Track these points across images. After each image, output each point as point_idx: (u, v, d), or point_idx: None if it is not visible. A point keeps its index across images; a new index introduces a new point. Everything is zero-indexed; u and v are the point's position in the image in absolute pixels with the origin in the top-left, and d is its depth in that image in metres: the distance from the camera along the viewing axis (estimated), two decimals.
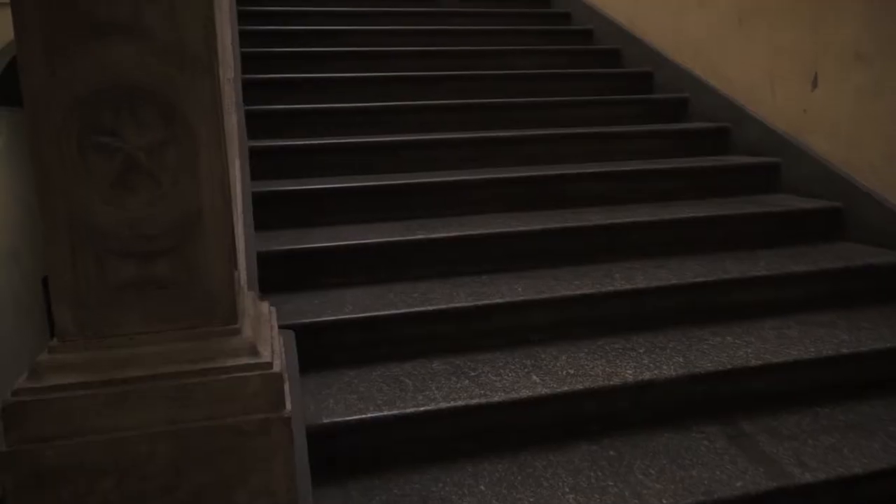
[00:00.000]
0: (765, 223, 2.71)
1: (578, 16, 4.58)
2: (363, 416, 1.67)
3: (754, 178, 3.06)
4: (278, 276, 2.21)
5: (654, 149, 3.29)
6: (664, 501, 1.53)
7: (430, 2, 4.59)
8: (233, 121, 2.41)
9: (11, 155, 6.54)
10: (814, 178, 2.89)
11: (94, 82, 1.18)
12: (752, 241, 2.67)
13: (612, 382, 1.84)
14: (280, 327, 1.80)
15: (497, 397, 1.76)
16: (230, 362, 1.27)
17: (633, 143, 3.28)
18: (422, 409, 1.71)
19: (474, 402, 1.74)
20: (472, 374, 1.90)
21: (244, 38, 3.65)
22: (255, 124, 2.98)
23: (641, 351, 2.04)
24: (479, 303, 2.09)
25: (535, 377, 1.87)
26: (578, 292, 2.18)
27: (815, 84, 2.88)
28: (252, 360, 1.28)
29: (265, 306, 1.64)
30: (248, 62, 3.44)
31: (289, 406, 1.30)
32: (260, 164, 2.74)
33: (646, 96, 3.78)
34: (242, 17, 3.86)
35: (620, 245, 2.55)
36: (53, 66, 1.16)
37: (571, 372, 1.89)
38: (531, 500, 1.55)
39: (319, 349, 1.96)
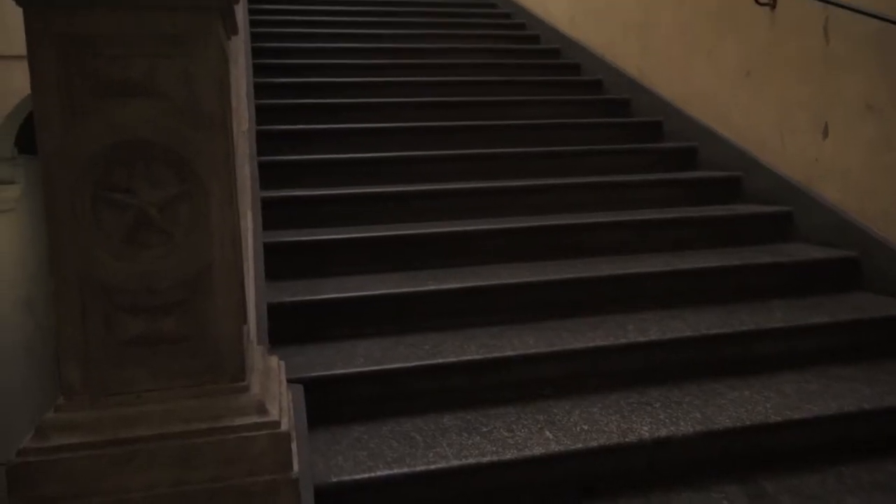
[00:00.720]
0: (779, 273, 2.68)
1: (588, 66, 4.64)
2: (372, 474, 1.64)
3: (767, 226, 3.04)
4: (289, 327, 2.20)
5: (666, 197, 3.29)
6: None
7: (441, 54, 4.67)
8: (246, 172, 2.44)
9: (28, 203, 6.63)
10: (827, 227, 2.87)
11: (109, 140, 1.20)
12: (767, 291, 2.63)
13: (627, 439, 1.80)
14: (289, 381, 1.78)
15: (509, 455, 1.72)
16: (237, 421, 1.25)
17: (644, 192, 3.28)
18: (433, 467, 1.67)
19: (486, 459, 1.70)
20: (484, 429, 1.86)
21: (259, 90, 3.73)
22: (268, 174, 3.01)
23: (657, 406, 1.99)
24: (491, 356, 2.06)
25: (548, 433, 1.82)
26: (591, 345, 2.15)
27: (825, 134, 2.88)
28: (260, 419, 1.26)
29: (274, 360, 1.62)
30: (263, 114, 3.50)
31: (296, 466, 1.27)
32: (272, 213, 2.75)
33: (656, 145, 3.80)
34: (258, 70, 3.95)
35: (633, 296, 2.53)
36: (69, 125, 1.18)
37: (585, 428, 1.85)
38: None
39: (329, 403, 1.93)
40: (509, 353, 2.08)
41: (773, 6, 3.09)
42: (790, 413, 1.93)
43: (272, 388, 1.42)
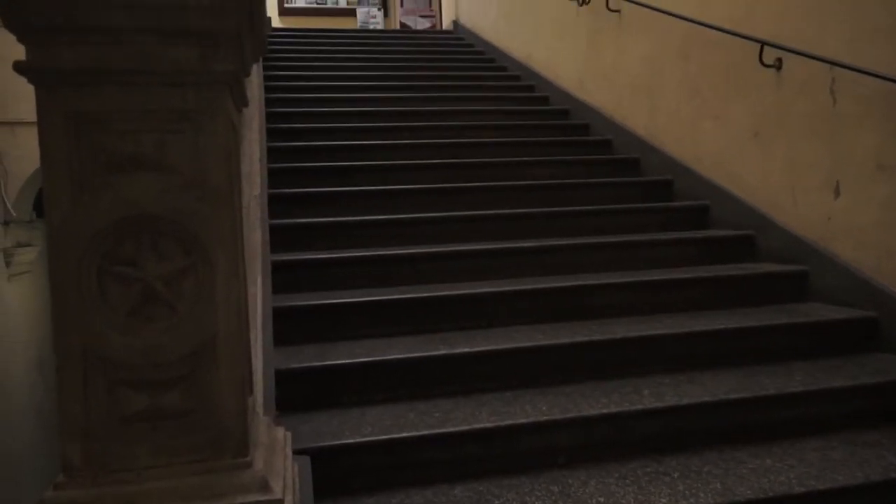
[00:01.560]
0: (797, 334, 2.62)
1: (597, 126, 4.69)
2: None
3: (783, 286, 3.00)
4: (297, 394, 2.16)
5: (678, 256, 3.26)
6: None
7: (452, 116, 4.74)
8: (257, 237, 2.45)
9: (44, 265, 6.70)
10: (843, 286, 2.83)
11: (117, 215, 1.20)
12: (786, 352, 2.58)
13: None
14: (296, 451, 1.74)
15: None
16: (239, 499, 1.22)
17: (657, 251, 3.25)
18: None
19: None
20: (497, 502, 1.79)
21: (272, 153, 3.79)
22: (280, 237, 3.03)
23: (675, 476, 1.92)
24: (503, 423, 2.01)
25: None
26: (606, 411, 2.09)
27: (837, 193, 2.86)
28: (263, 497, 1.22)
29: (280, 432, 1.59)
30: (275, 177, 3.54)
31: None
32: (282, 277, 2.76)
33: (667, 204, 3.79)
34: (271, 134, 4.02)
35: (648, 359, 2.48)
36: (78, 200, 1.18)
37: (601, 500, 1.78)
38: None
39: (337, 474, 1.88)
40: (522, 420, 2.03)
41: (778, 68, 3.12)
42: (814, 483, 1.86)
43: (276, 462, 1.38)
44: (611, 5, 4.43)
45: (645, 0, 4.07)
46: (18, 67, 1.14)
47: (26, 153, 5.99)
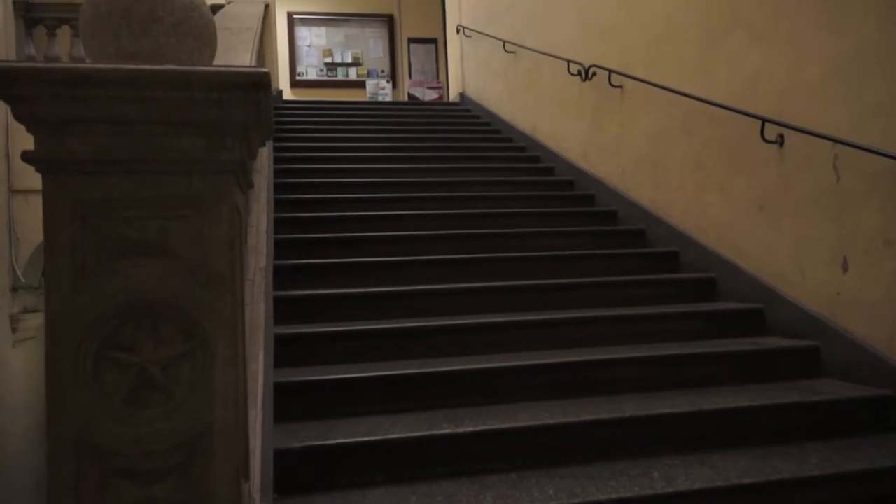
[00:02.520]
0: (811, 413, 2.56)
1: (602, 198, 4.73)
2: None
3: (794, 361, 2.95)
4: (296, 475, 2.11)
5: (687, 330, 3.22)
6: None
7: (458, 187, 4.80)
8: (260, 310, 2.44)
9: None
10: (856, 362, 2.77)
11: (118, 300, 1.20)
12: (799, 432, 2.50)
13: None
14: None
15: None
16: None
17: (664, 325, 3.22)
18: None
19: None
20: None
21: (279, 224, 3.82)
22: (284, 309, 3.02)
23: None
24: None
25: None
26: (615, 496, 2.02)
27: (845, 268, 2.84)
28: None
29: None
30: (282, 247, 3.56)
31: None
32: (286, 350, 2.73)
33: (674, 276, 3.78)
34: (279, 205, 4.06)
35: (658, 438, 2.41)
36: (79, 286, 1.18)
37: None
38: None
39: None
40: None
41: (780, 143, 3.16)
42: None
43: None
44: (613, 81, 4.53)
45: (646, 77, 4.16)
46: (27, 157, 1.16)
47: (39, 220, 6.07)
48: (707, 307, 3.41)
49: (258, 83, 1.17)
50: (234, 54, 2.68)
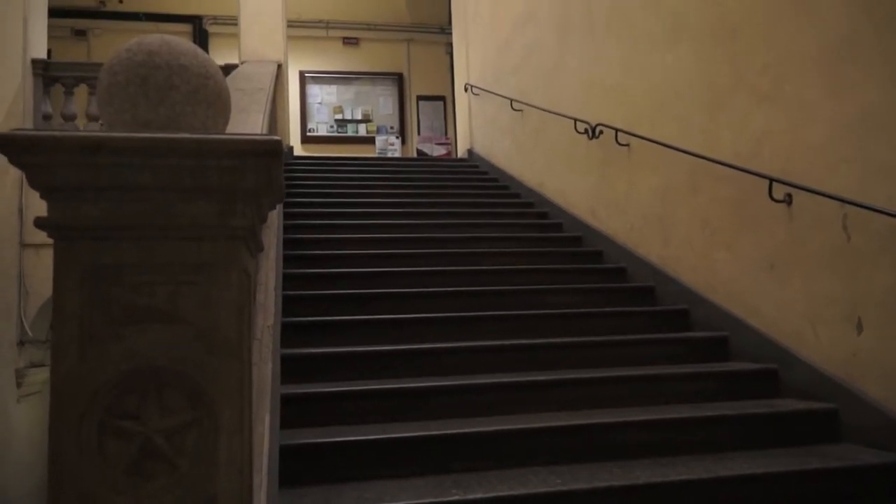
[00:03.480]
0: (832, 481, 2.48)
1: (611, 254, 4.72)
2: None
3: (811, 425, 2.87)
4: None
5: (699, 391, 3.16)
6: None
7: (466, 243, 4.81)
8: (267, 370, 2.40)
9: None
10: (876, 426, 2.70)
11: (124, 367, 1.18)
12: (821, 501, 2.43)
13: None
14: None
15: None
16: None
17: (676, 385, 3.16)
18: None
19: None
20: None
21: (288, 280, 3.82)
22: (292, 368, 2.99)
23: None
24: None
25: None
26: None
27: (860, 328, 2.80)
28: None
29: None
30: (290, 304, 3.55)
31: None
32: (292, 410, 2.68)
33: (684, 334, 3.73)
34: (287, 261, 4.07)
35: None
36: (86, 352, 1.17)
37: None
38: None
39: None
40: None
41: (788, 203, 3.16)
42: None
43: None
44: (620, 140, 4.58)
45: (652, 135, 4.21)
46: (39, 224, 1.16)
47: (48, 275, 6.08)
48: (720, 367, 3.35)
49: (270, 151, 1.18)
50: (246, 115, 2.73)
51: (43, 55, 6.75)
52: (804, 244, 3.10)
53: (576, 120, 5.11)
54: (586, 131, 4.97)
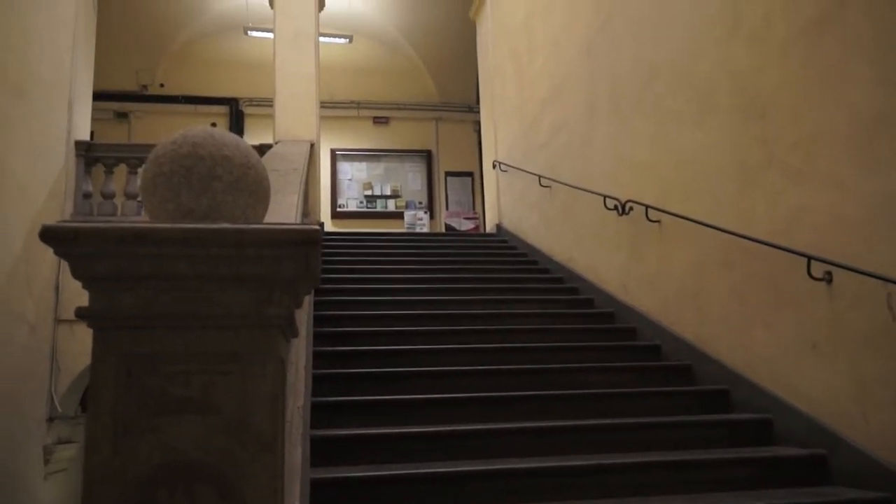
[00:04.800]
0: None
1: (644, 331, 4.63)
2: None
3: None
4: None
5: (743, 477, 3.02)
6: None
7: (497, 320, 4.76)
8: (297, 454, 2.35)
9: (80, 463, 6.59)
10: None
11: (157, 460, 1.16)
12: None
13: None
14: None
15: None
16: None
17: (719, 473, 3.02)
18: None
19: None
20: None
21: (318, 358, 3.79)
22: (321, 450, 2.92)
23: None
24: None
25: None
26: None
27: None
28: None
29: None
30: (320, 383, 3.51)
31: None
32: (322, 497, 2.61)
33: (725, 416, 3.60)
34: (317, 338, 4.05)
35: None
36: (120, 445, 1.15)
37: None
38: None
39: None
40: None
41: (828, 281, 3.08)
42: None
43: None
44: (650, 216, 4.56)
45: (683, 211, 4.19)
46: (81, 314, 1.17)
47: (82, 350, 6.15)
48: (765, 452, 3.21)
49: (309, 240, 1.19)
50: (282, 196, 2.77)
51: (86, 137, 7.05)
52: (847, 324, 3.01)
53: (605, 196, 5.12)
54: (616, 207, 4.97)
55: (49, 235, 1.13)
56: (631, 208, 4.81)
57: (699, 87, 4.17)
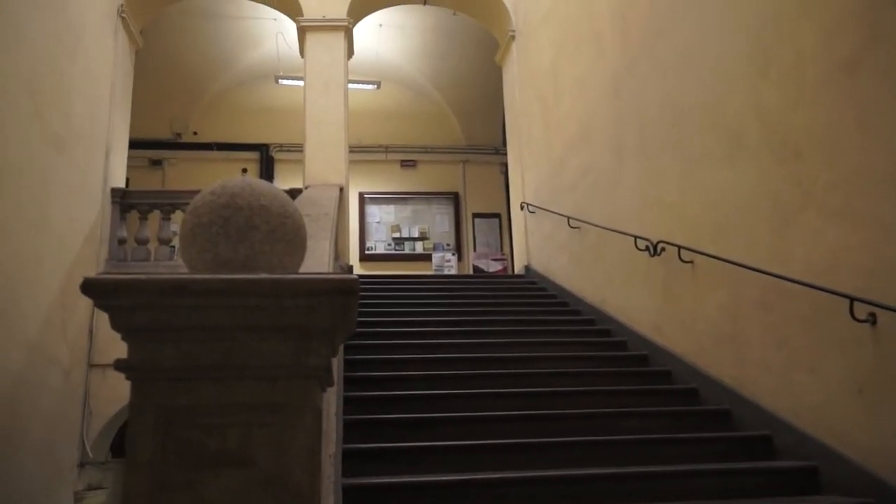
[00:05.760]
0: None
1: (680, 374, 4.52)
2: None
3: None
4: None
5: None
6: None
7: (528, 363, 4.69)
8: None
9: None
10: None
11: None
12: None
13: None
14: None
15: None
16: None
17: None
18: None
19: None
20: None
21: (349, 403, 3.76)
22: (352, 500, 2.87)
23: None
24: None
25: None
26: None
27: None
28: None
29: None
30: (351, 429, 3.47)
31: None
32: None
33: (769, 464, 3.47)
34: (348, 383, 4.02)
35: None
36: (156, 501, 1.13)
37: None
38: None
39: None
40: None
41: (873, 322, 2.99)
42: None
43: None
44: (683, 257, 4.50)
45: (716, 252, 4.12)
46: (119, 366, 1.16)
47: (114, 395, 6.19)
48: (813, 502, 3.07)
49: (347, 290, 1.18)
50: (315, 242, 2.79)
51: (121, 184, 7.22)
52: (894, 367, 2.90)
53: (636, 237, 5.07)
54: (647, 248, 4.91)
55: (90, 288, 1.14)
56: (663, 249, 4.75)
57: (728, 126, 4.14)
